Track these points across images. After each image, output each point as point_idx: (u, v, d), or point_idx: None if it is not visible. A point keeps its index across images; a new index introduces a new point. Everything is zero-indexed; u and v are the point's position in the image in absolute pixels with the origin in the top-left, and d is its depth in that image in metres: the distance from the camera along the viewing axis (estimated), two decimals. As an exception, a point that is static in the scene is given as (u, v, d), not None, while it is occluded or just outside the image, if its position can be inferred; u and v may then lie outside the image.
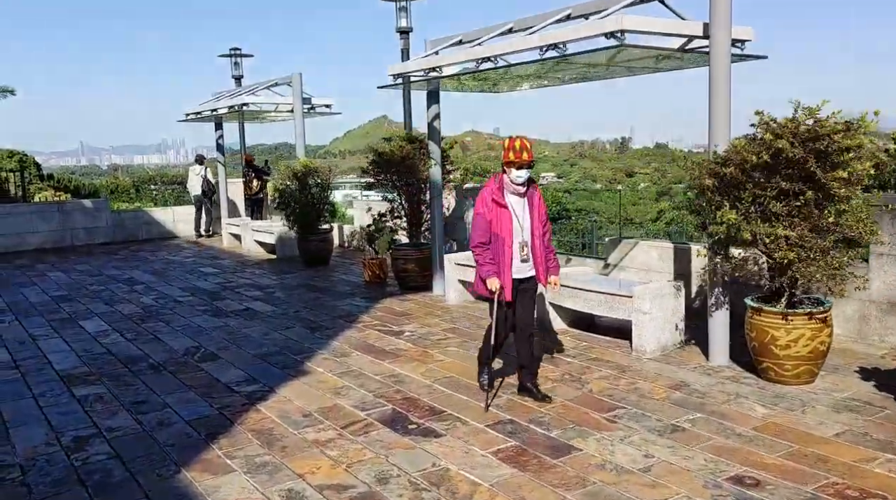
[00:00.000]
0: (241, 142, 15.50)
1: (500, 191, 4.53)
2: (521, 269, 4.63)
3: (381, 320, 7.22)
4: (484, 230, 4.51)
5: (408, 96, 10.43)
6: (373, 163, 8.62)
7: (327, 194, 10.82)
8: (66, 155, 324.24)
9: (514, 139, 4.48)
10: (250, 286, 9.40)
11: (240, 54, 15.37)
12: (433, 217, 8.34)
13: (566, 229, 14.62)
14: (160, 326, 7.30)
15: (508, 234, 4.52)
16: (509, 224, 4.52)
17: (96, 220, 14.37)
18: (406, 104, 10.47)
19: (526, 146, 4.45)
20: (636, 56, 6.03)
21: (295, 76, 11.05)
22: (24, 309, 8.29)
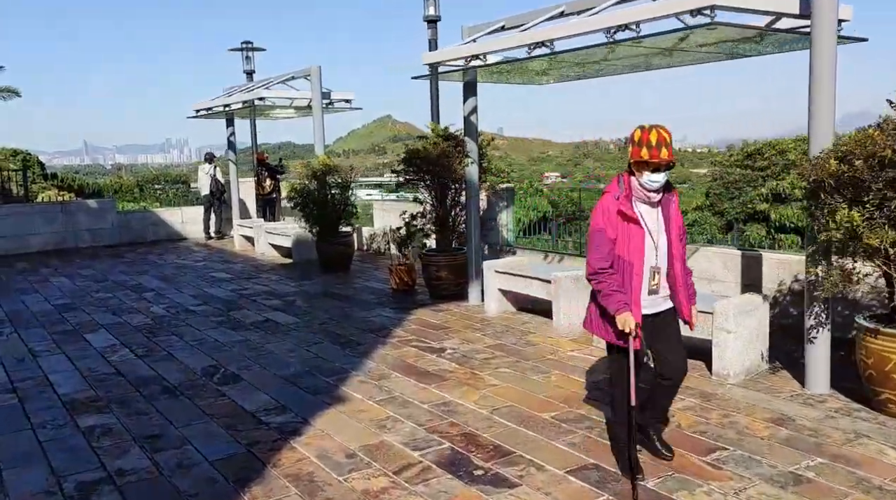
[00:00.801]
0: (252, 139, 14.84)
1: (627, 200, 3.39)
2: (652, 302, 3.53)
3: (417, 335, 6.54)
4: (607, 252, 3.39)
5: (436, 90, 9.75)
6: (405, 162, 7.92)
7: (348, 195, 10.13)
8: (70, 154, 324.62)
9: (647, 131, 3.29)
10: (268, 294, 8.72)
11: (251, 48, 14.72)
12: (469, 220, 7.65)
13: None
14: (173, 340, 6.62)
15: (639, 256, 3.39)
16: (640, 243, 3.38)
17: (101, 221, 13.72)
18: (434, 99, 9.78)
19: (665, 140, 3.27)
20: (710, 40, 5.34)
21: (314, 69, 10.37)
22: (25, 320, 7.62)
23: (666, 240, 3.47)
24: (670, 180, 3.46)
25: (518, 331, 6.55)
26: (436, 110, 9.73)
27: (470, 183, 7.60)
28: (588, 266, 3.47)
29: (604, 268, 3.39)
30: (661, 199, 3.46)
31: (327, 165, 9.99)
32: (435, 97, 9.70)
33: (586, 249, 3.52)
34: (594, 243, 3.42)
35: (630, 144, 3.37)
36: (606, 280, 3.39)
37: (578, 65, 6.80)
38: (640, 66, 6.62)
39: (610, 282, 3.38)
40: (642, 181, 3.37)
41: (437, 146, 7.69)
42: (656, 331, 3.56)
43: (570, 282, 6.29)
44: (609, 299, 3.38)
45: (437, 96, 9.72)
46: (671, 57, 6.17)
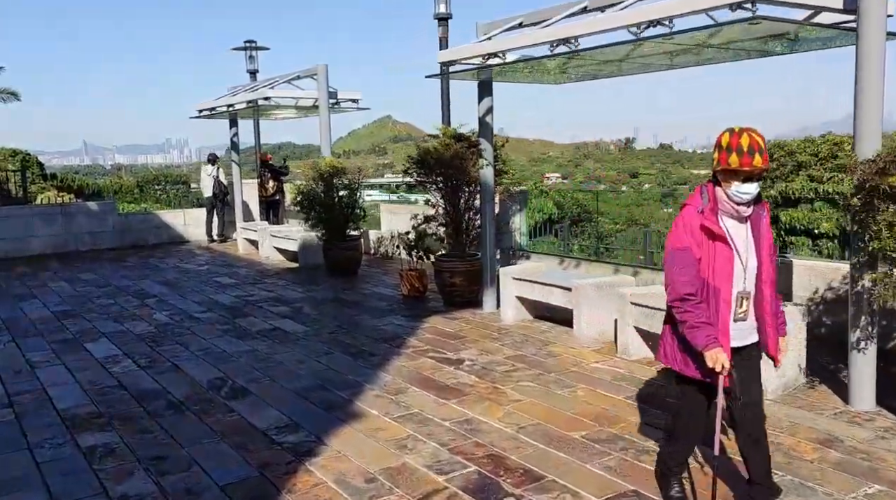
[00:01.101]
0: (255, 140, 14.59)
1: (712, 214, 2.91)
2: (739, 332, 2.99)
3: (432, 345, 6.27)
4: (693, 275, 2.89)
5: (447, 90, 9.49)
6: (416, 163, 7.66)
7: (356, 197, 9.87)
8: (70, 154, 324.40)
9: (736, 134, 2.82)
10: (274, 301, 8.45)
11: (255, 47, 14.46)
12: (484, 224, 7.39)
13: (626, 239, 13.59)
14: (178, 350, 6.35)
15: (726, 280, 2.90)
16: (728, 265, 2.89)
17: (102, 223, 13.45)
18: (445, 99, 9.51)
19: (758, 145, 2.80)
20: (742, 37, 5.08)
21: (320, 68, 10.10)
22: (23, 328, 7.35)
23: (756, 261, 2.96)
24: (669, 185, 3.12)
25: (538, 341, 6.28)
26: (447, 111, 9.47)
27: (485, 186, 7.33)
28: (670, 292, 2.94)
29: (690, 295, 2.88)
30: (751, 213, 2.95)
31: (335, 166, 9.73)
32: (446, 97, 9.44)
33: (664, 269, 3.01)
34: (677, 265, 2.90)
35: (716, 150, 2.88)
36: (693, 310, 2.87)
37: (599, 64, 6.54)
38: (662, 65, 6.36)
39: (697, 312, 2.87)
40: (730, 193, 2.88)
41: (449, 148, 7.42)
42: (736, 370, 2.99)
43: (591, 290, 6.03)
44: (696, 332, 2.86)
45: (448, 96, 9.46)
46: (698, 55, 5.91)
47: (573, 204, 27.96)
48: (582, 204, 28.69)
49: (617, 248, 9.89)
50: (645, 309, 5.39)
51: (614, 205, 41.03)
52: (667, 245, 2.98)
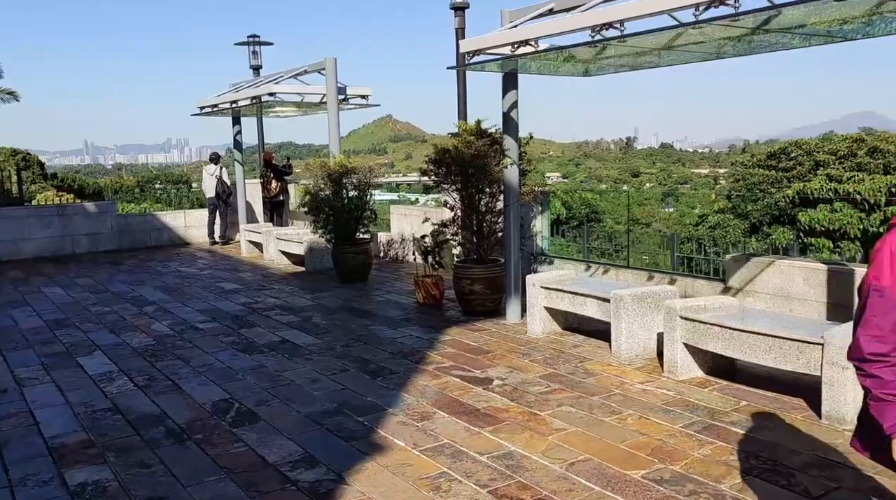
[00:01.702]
0: (259, 138, 14.06)
1: None
2: None
3: (456, 361, 5.74)
4: (890, 326, 2.05)
5: (463, 84, 8.94)
6: (434, 162, 7.13)
7: (367, 198, 9.34)
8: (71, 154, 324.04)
9: None
10: (282, 309, 7.92)
11: (259, 42, 13.92)
12: (508, 228, 6.86)
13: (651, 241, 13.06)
14: (178, 366, 5.83)
15: None
16: None
17: (100, 225, 12.92)
18: (461, 93, 8.97)
19: None
20: (820, 18, 4.55)
21: (329, 61, 9.57)
22: (12, 339, 6.82)
23: None
24: (671, 184, 2.38)
25: (571, 357, 5.75)
26: (463, 107, 8.94)
27: (509, 186, 6.80)
28: (855, 347, 2.12)
29: (881, 354, 2.06)
30: None
31: (344, 165, 9.20)
32: (462, 92, 8.90)
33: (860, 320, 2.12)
34: (869, 310, 2.08)
35: None
36: (881, 375, 2.06)
37: (636, 54, 6.01)
38: (709, 54, 5.82)
39: (887, 380, 2.05)
40: None
41: (470, 146, 6.89)
42: None
43: (632, 301, 5.49)
44: (885, 409, 2.05)
45: (465, 91, 8.92)
46: (749, 44, 5.38)
47: (581, 204, 27.44)
48: (590, 204, 28.18)
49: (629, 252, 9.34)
50: (697, 325, 4.86)
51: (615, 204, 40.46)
52: (863, 282, 2.16)
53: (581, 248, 9.88)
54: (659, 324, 5.48)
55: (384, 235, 11.44)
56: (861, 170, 19.57)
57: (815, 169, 21.23)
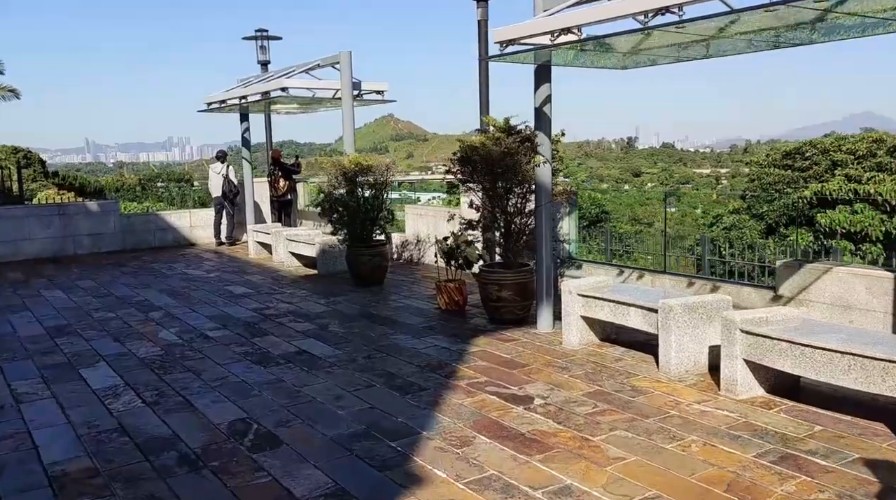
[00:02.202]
0: (266, 136, 13.63)
1: None
2: None
3: (489, 375, 5.30)
4: None
5: (486, 77, 8.49)
6: (461, 161, 6.69)
7: (383, 198, 8.91)
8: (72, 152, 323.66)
9: None
10: (296, 315, 7.49)
11: (267, 36, 13.48)
12: (539, 231, 6.42)
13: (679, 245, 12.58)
14: (189, 379, 5.39)
15: None
16: None
17: (103, 225, 12.49)
18: (483, 87, 8.52)
19: None
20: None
21: (343, 55, 9.14)
22: (11, 348, 6.39)
23: None
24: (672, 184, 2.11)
25: (615, 372, 5.31)
26: (485, 101, 8.49)
27: (541, 186, 6.37)
28: None
29: None
30: None
31: (360, 163, 8.76)
32: (485, 85, 8.45)
33: None
34: None
35: None
36: None
37: (683, 45, 5.58)
38: (763, 44, 5.38)
39: None
40: None
41: (499, 143, 6.44)
42: None
43: (683, 312, 5.06)
44: None
45: (488, 86, 8.47)
46: (813, 31, 4.94)
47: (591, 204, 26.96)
48: (599, 204, 27.71)
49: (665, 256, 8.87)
50: (760, 339, 4.42)
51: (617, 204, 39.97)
52: None
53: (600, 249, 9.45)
54: (711, 337, 5.05)
55: (398, 235, 11.00)
56: (881, 170, 19.11)
57: (833, 169, 20.78)
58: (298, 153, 15.36)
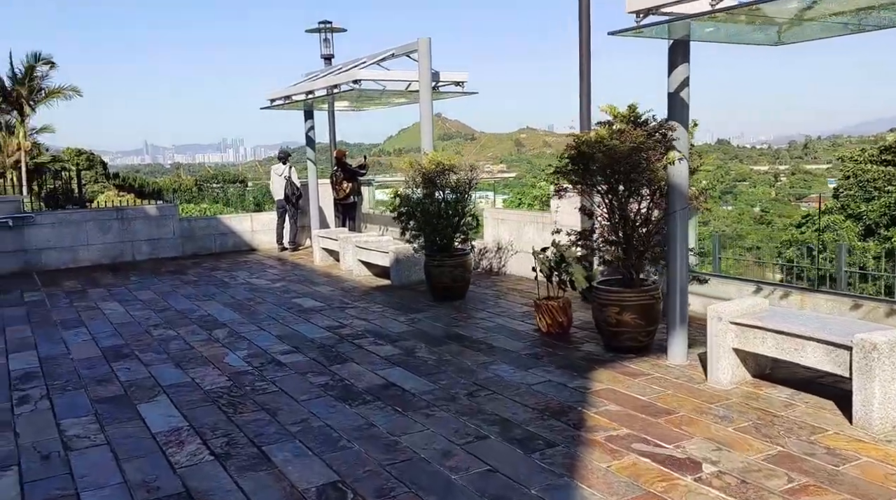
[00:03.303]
0: (330, 134, 12.85)
1: None
2: None
3: (630, 426, 4.25)
4: None
5: (587, 62, 7.39)
6: (574, 159, 5.65)
7: (467, 202, 7.94)
8: (132, 153, 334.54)
9: None
10: (375, 336, 6.58)
11: (331, 28, 12.70)
12: (673, 242, 5.33)
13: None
14: (263, 422, 4.52)
15: None
16: None
17: (162, 229, 11.90)
18: (585, 72, 7.42)
19: None
20: None
21: (421, 42, 8.21)
22: (62, 375, 5.65)
23: None
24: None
25: (791, 424, 4.19)
26: (586, 90, 7.38)
27: (675, 188, 5.28)
28: None
29: None
30: None
31: (441, 163, 7.81)
32: (587, 74, 7.33)
33: None
34: None
35: None
36: None
37: (862, 9, 4.43)
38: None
39: None
40: None
41: (623, 136, 5.38)
42: None
43: (890, 351, 3.91)
44: None
45: (589, 73, 7.35)
46: None
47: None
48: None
49: (817, 271, 7.62)
50: None
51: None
52: None
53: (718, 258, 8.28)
54: (928, 384, 3.89)
55: (476, 242, 10.02)
56: None
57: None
58: (366, 154, 14.47)
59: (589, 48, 7.43)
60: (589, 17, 7.33)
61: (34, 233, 10.79)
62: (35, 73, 32.27)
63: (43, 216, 11.09)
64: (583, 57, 7.38)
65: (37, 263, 10.82)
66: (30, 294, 9.09)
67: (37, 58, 32.11)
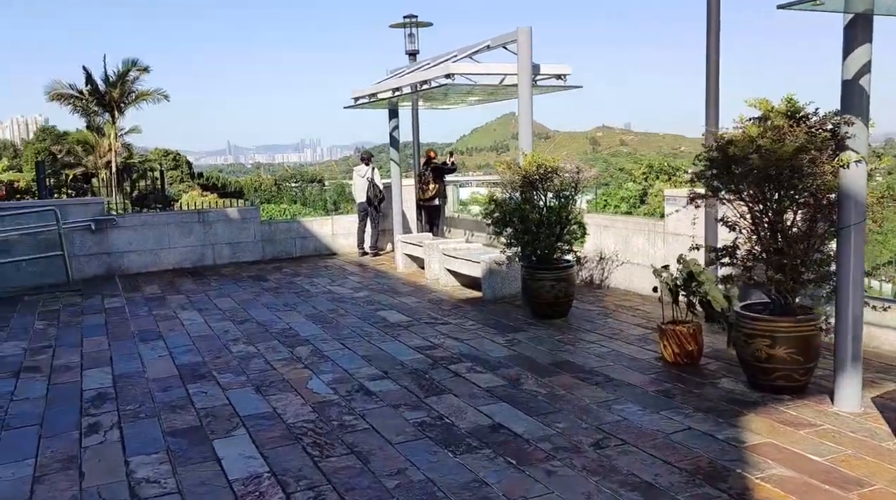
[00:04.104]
0: (414, 133, 12.22)
1: None
2: None
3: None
4: None
5: (715, 49, 6.40)
6: (719, 163, 4.72)
7: (571, 208, 7.10)
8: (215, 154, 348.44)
9: None
10: (471, 359, 5.85)
11: (416, 23, 12.07)
12: (846, 262, 4.35)
13: None
14: (355, 471, 3.85)
15: None
16: None
17: (243, 233, 11.59)
18: (713, 55, 6.41)
19: None
20: None
21: (521, 32, 7.41)
22: (136, 398, 5.18)
23: None
24: None
25: None
26: (714, 84, 6.38)
27: (848, 197, 4.30)
28: None
29: None
30: None
31: (544, 165, 7.00)
32: (714, 53, 6.32)
33: None
34: None
35: None
36: None
37: None
38: None
39: None
40: None
41: (781, 135, 4.42)
42: None
43: None
44: None
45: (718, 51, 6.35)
46: None
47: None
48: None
49: None
50: None
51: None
52: None
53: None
54: None
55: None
56: None
57: None
58: (452, 151, 13.72)
59: (718, 33, 6.44)
60: None
61: (117, 235, 10.65)
62: (127, 78, 33.37)
63: (125, 219, 10.95)
64: (711, 43, 6.39)
65: (119, 266, 10.68)
66: (110, 300, 8.86)
67: (133, 63, 33.18)
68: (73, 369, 5.96)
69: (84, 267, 10.42)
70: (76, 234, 10.33)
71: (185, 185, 56.09)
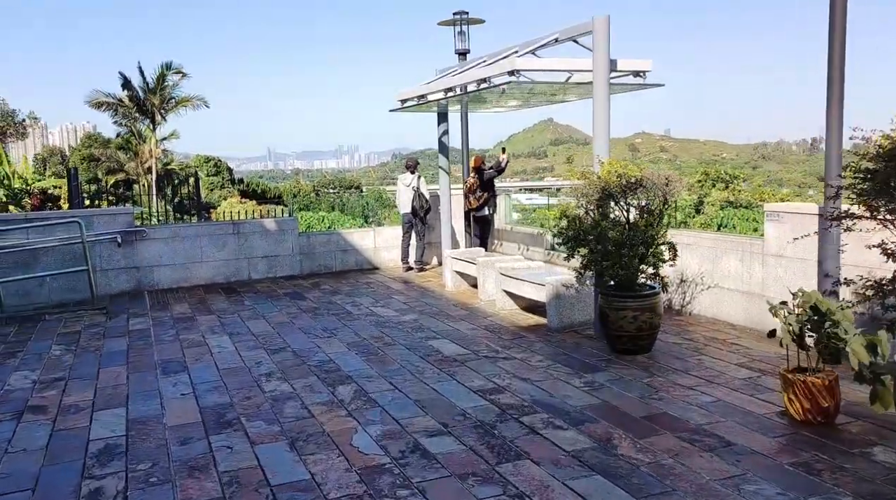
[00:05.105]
0: (463, 138, 11.28)
1: None
2: None
3: None
4: None
5: (841, 34, 5.31)
6: (873, 175, 3.66)
7: (660, 226, 6.06)
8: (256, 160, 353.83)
9: None
10: (546, 409, 4.86)
11: (467, 20, 11.15)
12: None
13: None
14: (418, 584, 2.89)
15: None
16: None
17: (280, 245, 10.79)
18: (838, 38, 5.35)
19: None
20: None
21: (598, 22, 6.41)
22: (149, 455, 4.32)
23: None
24: None
25: None
26: (838, 75, 5.30)
27: None
28: None
29: None
30: None
31: (626, 175, 5.99)
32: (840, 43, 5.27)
33: None
34: None
35: None
36: None
37: None
38: None
39: None
40: None
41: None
42: None
43: None
44: None
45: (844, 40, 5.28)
46: None
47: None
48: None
49: None
50: None
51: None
52: None
53: None
54: None
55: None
56: None
57: None
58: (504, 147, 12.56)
59: (844, 32, 5.35)
60: None
61: (146, 248, 9.94)
62: (165, 83, 33.26)
63: (156, 230, 10.24)
64: (834, 42, 5.29)
65: (149, 281, 9.97)
66: (135, 320, 8.11)
67: (168, 67, 33.06)
68: (83, 410, 5.15)
69: (112, 282, 9.74)
70: (103, 246, 9.65)
71: (225, 191, 56.21)
